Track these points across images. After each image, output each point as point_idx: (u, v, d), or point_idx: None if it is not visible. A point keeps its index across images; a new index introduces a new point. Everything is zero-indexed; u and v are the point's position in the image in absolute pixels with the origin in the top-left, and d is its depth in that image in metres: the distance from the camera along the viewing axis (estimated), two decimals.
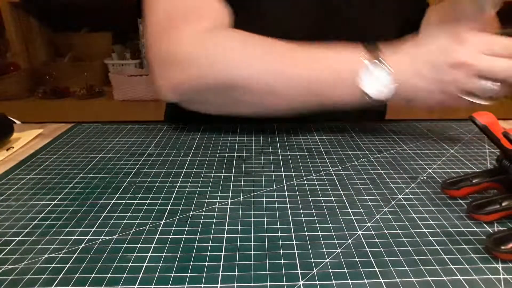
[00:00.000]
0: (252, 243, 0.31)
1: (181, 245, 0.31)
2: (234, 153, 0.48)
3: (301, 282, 0.27)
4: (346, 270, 0.28)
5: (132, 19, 1.44)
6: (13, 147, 0.51)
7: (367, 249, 0.30)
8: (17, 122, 0.61)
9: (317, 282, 0.27)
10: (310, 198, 0.37)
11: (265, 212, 0.35)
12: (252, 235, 0.32)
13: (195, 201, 0.37)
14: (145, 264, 0.29)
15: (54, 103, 1.72)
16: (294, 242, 0.31)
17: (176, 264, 0.29)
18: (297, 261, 0.29)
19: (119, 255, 0.30)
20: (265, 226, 0.33)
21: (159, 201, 0.37)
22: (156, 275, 0.27)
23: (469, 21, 0.48)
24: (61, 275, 0.28)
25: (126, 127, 0.58)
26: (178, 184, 0.40)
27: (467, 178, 0.38)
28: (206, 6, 0.50)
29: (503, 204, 0.33)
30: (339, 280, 0.27)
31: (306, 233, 0.32)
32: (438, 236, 0.31)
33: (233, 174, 0.43)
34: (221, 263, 0.29)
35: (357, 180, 0.41)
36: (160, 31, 0.49)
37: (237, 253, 0.30)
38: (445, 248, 0.30)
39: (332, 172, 0.43)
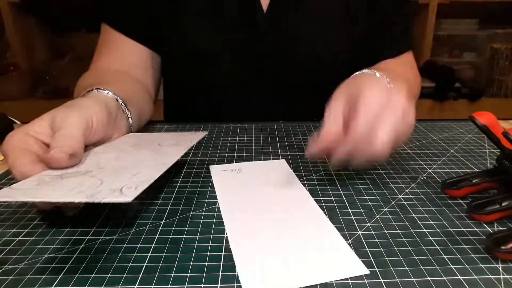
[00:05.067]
0: None
1: (181, 245, 0.31)
2: (234, 153, 0.48)
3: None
4: None
5: None
6: None
7: (367, 249, 0.30)
8: (17, 122, 0.61)
9: (317, 283, 0.27)
10: None
11: None
12: None
13: (195, 201, 0.37)
14: (145, 264, 0.28)
15: (54, 103, 1.71)
16: None
17: (176, 264, 0.29)
18: None
19: (119, 255, 0.30)
20: None
21: (159, 201, 0.37)
22: (156, 275, 0.27)
23: None
24: (61, 275, 0.28)
25: None
26: (178, 184, 0.40)
27: (467, 178, 0.38)
28: (114, 44, 0.60)
29: (503, 204, 0.33)
30: (339, 280, 0.27)
31: None
32: (438, 236, 0.31)
33: None
34: (221, 263, 0.29)
35: (357, 180, 0.41)
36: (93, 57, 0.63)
37: None
38: (445, 248, 0.30)
39: (332, 172, 0.43)
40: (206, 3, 0.58)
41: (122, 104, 0.45)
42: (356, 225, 0.33)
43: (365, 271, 0.27)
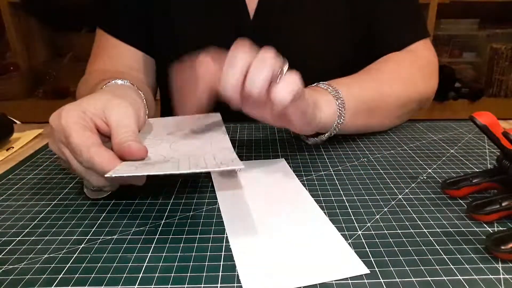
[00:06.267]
0: None
1: (181, 245, 0.31)
2: None
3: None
4: None
5: None
6: (13, 147, 0.51)
7: (367, 249, 0.30)
8: (17, 122, 0.61)
9: (317, 282, 0.27)
10: None
11: None
12: None
13: (195, 201, 0.37)
14: (145, 264, 0.29)
15: (54, 103, 1.71)
16: None
17: (176, 264, 0.29)
18: None
19: (119, 255, 0.30)
20: None
21: (159, 201, 0.37)
22: (156, 275, 0.27)
23: None
24: (61, 275, 0.28)
25: None
26: (178, 184, 0.40)
27: (467, 178, 0.38)
28: (110, 48, 0.61)
29: (503, 204, 0.33)
30: (339, 280, 0.27)
31: None
32: (438, 236, 0.31)
33: None
34: (221, 263, 0.29)
35: (357, 180, 0.41)
36: (89, 61, 0.63)
37: None
38: (445, 248, 0.30)
39: (332, 172, 0.43)
40: (197, 7, 0.58)
41: (144, 99, 0.45)
42: (356, 225, 0.33)
43: (365, 270, 0.27)
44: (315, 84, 0.48)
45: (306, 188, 0.39)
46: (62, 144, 0.34)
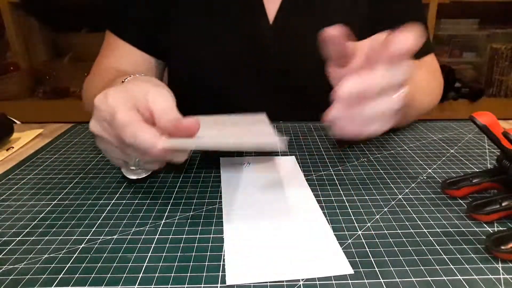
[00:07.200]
0: None
1: (181, 245, 0.31)
2: (234, 153, 0.48)
3: (301, 282, 0.27)
4: None
5: None
6: (13, 147, 0.51)
7: (367, 249, 0.30)
8: (17, 122, 0.61)
9: (317, 282, 0.27)
10: None
11: None
12: None
13: (195, 201, 0.37)
14: (145, 264, 0.29)
15: (54, 103, 1.72)
16: None
17: (176, 264, 0.29)
18: None
19: (119, 255, 0.30)
20: None
21: (159, 201, 0.37)
22: (156, 275, 0.27)
23: None
24: (61, 275, 0.28)
25: None
26: (178, 184, 0.40)
27: (467, 178, 0.38)
28: (120, 49, 0.61)
29: (503, 204, 0.33)
30: (339, 280, 0.27)
31: None
32: (438, 236, 0.31)
33: None
34: (221, 263, 0.29)
35: (357, 180, 0.41)
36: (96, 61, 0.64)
37: None
38: (445, 248, 0.30)
39: (332, 172, 0.43)
40: (203, 8, 0.58)
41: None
42: (356, 225, 0.33)
43: (350, 271, 0.27)
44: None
45: None
46: (106, 122, 0.34)
